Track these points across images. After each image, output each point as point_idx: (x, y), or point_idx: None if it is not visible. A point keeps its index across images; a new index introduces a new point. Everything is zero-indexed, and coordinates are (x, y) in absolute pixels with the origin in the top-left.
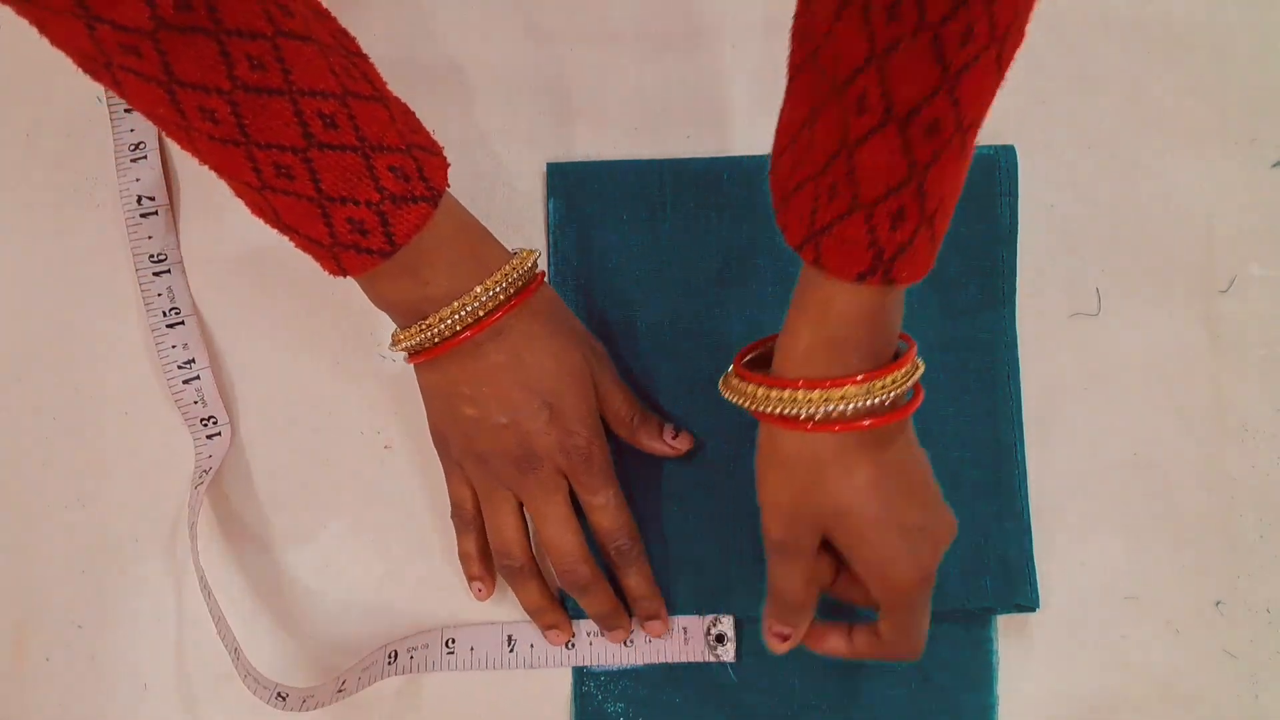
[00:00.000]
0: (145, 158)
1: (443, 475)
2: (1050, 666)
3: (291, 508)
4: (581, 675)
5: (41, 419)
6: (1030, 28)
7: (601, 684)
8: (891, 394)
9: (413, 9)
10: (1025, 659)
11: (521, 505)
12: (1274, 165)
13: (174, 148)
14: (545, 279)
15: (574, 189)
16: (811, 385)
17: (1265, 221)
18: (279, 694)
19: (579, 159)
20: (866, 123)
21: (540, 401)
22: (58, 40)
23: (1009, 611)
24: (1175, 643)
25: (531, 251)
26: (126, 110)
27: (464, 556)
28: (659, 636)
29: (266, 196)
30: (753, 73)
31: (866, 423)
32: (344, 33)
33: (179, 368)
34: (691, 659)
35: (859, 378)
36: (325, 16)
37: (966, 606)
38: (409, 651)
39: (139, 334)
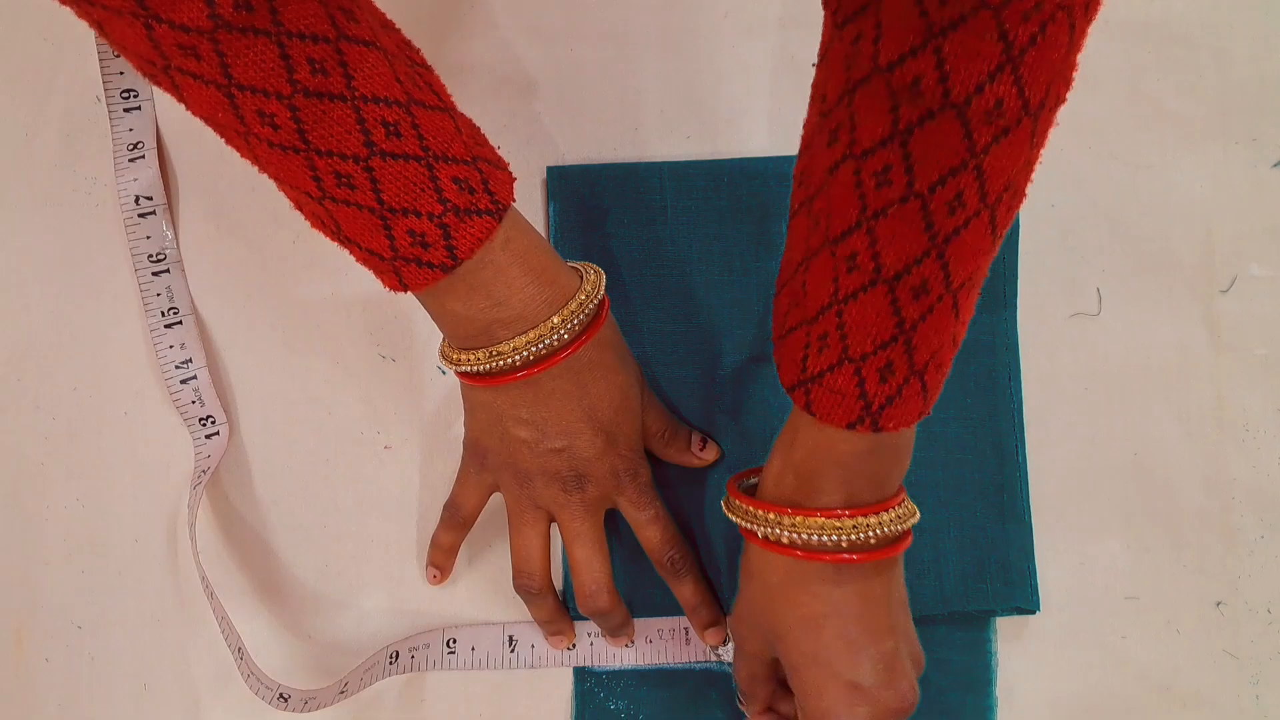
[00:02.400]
0: (143, 157)
1: (443, 475)
2: (1050, 667)
3: (291, 508)
4: (582, 674)
5: (41, 419)
6: None
7: (602, 682)
8: (870, 534)
9: (413, 9)
10: (1025, 659)
11: (549, 527)
12: (1274, 165)
13: (173, 148)
14: (608, 304)
15: (574, 192)
16: (776, 509)
17: (1265, 221)
18: (281, 695)
19: (579, 161)
20: (856, 281)
21: (598, 429)
22: (117, 41)
23: (1009, 614)
24: (1176, 643)
25: (598, 275)
26: (126, 110)
27: (436, 543)
28: (719, 645)
29: (327, 207)
30: (753, 73)
31: (827, 556)
32: (409, 44)
33: (176, 367)
34: (693, 660)
35: (839, 511)
36: (391, 27)
37: (966, 609)
38: (410, 651)
39: (139, 334)
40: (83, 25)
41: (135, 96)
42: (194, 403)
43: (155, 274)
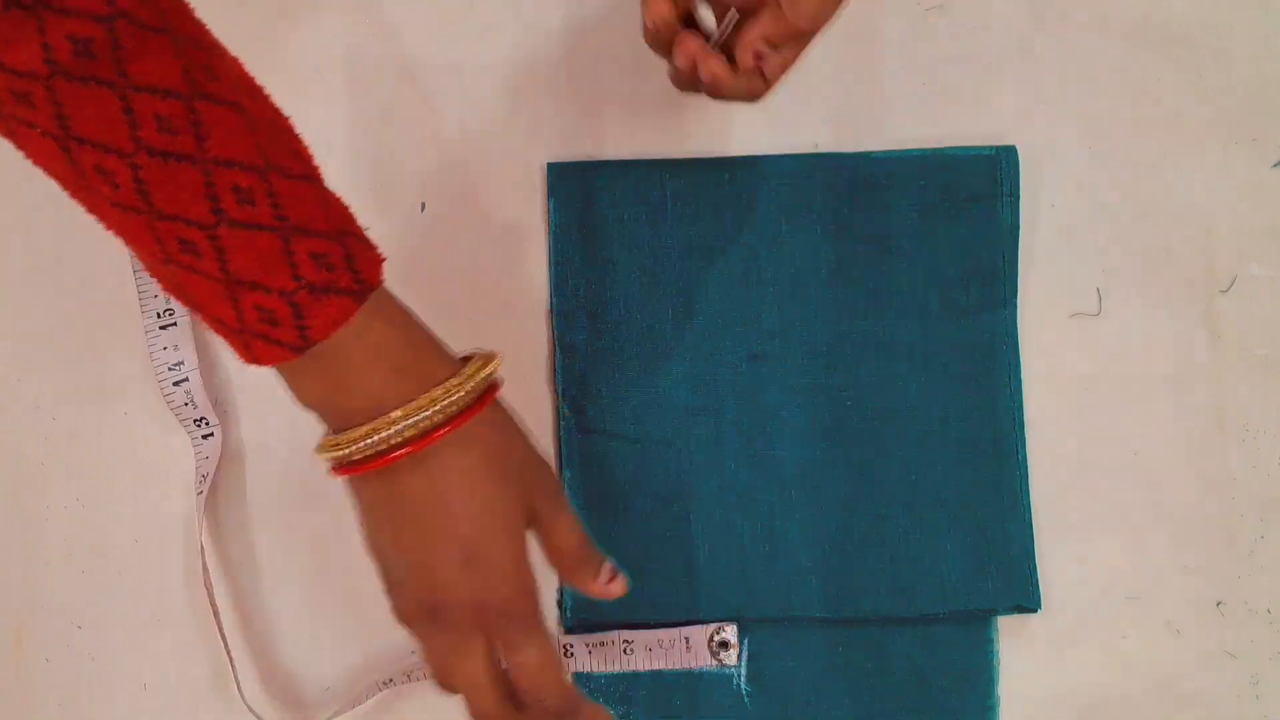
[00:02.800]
0: None
1: None
2: (1051, 666)
3: (291, 508)
4: (581, 679)
5: (41, 419)
6: (1030, 27)
7: (601, 686)
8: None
9: (413, 9)
10: (1026, 659)
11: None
12: (1275, 165)
13: None
14: (497, 394)
15: (574, 189)
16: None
17: (1266, 221)
18: None
19: (579, 159)
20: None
21: (455, 547)
22: None
23: (1010, 613)
24: (1176, 643)
25: (484, 363)
26: None
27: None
28: None
29: (172, 270)
30: None
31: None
32: (280, 113)
33: (169, 369)
34: (694, 666)
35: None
36: (259, 93)
37: (968, 607)
38: (405, 674)
39: (139, 334)
40: None
41: None
42: (186, 404)
43: None
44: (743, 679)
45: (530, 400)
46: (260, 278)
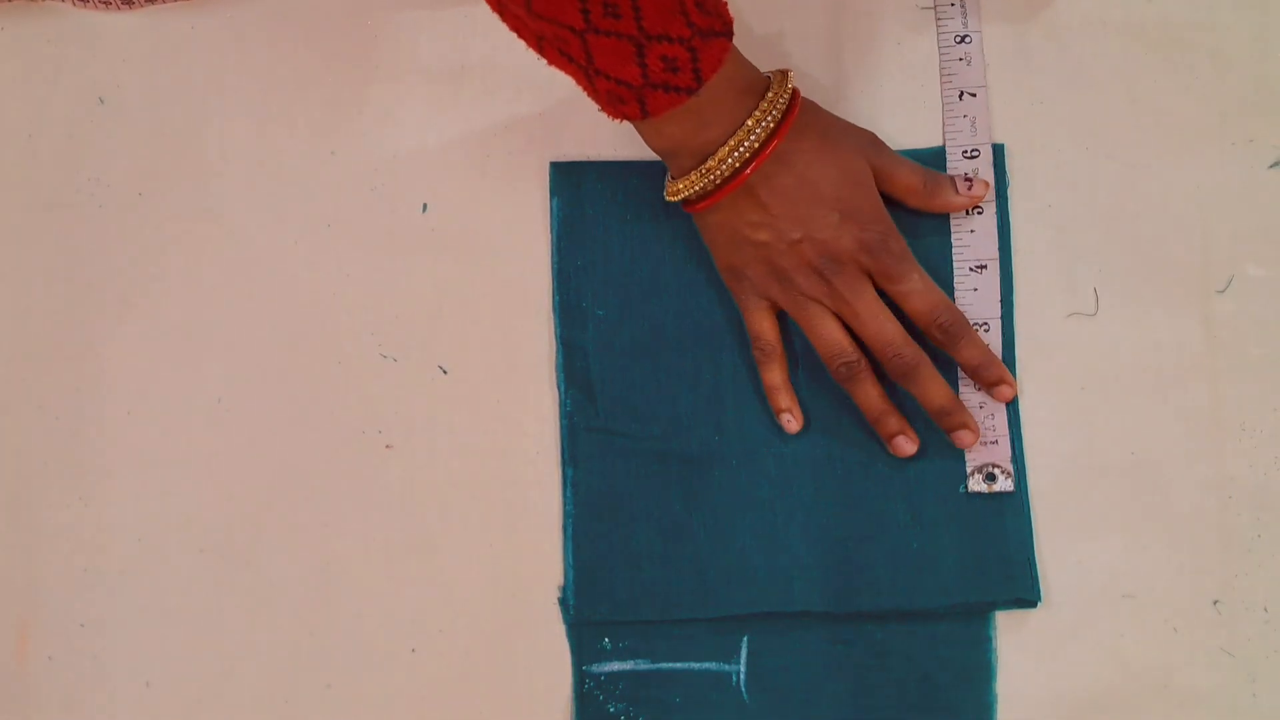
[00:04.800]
0: None
1: (443, 475)
2: (1049, 665)
3: (292, 507)
4: (582, 675)
5: (43, 418)
6: (1028, 28)
7: (602, 684)
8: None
9: (413, 9)
10: (1024, 657)
11: (833, 315)
12: (1272, 165)
13: (172, 146)
14: (799, 94)
15: (577, 188)
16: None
17: (1263, 221)
18: None
19: (581, 159)
20: None
21: (830, 208)
22: None
23: (1010, 607)
24: (1173, 641)
25: (783, 73)
26: None
27: (770, 389)
28: (1009, 400)
29: (587, 40)
30: None
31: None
32: None
33: None
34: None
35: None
36: None
37: (968, 600)
38: None
39: (140, 334)
40: (84, 25)
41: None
42: None
43: None
44: (743, 678)
45: (533, 398)
46: (665, 28)
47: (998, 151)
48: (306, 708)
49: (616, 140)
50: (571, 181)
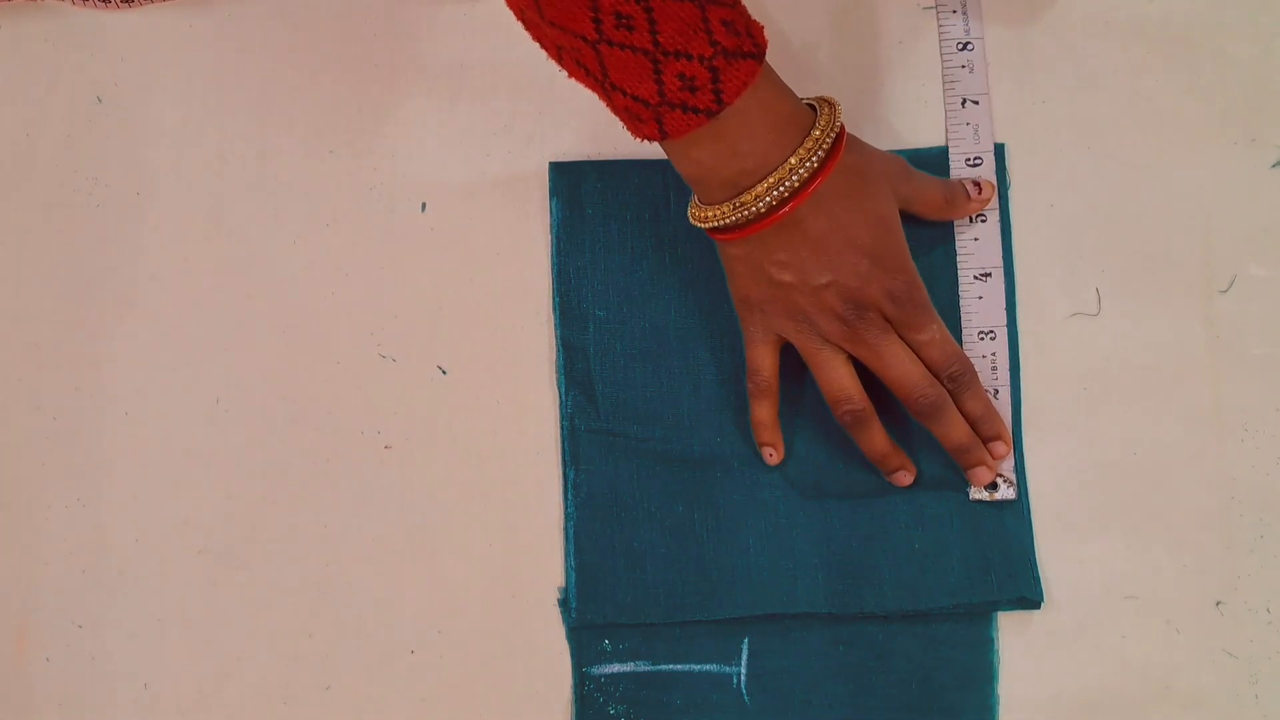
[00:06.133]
0: None
1: (443, 476)
2: (1050, 666)
3: (292, 508)
4: (583, 677)
5: (42, 418)
6: (1029, 28)
7: (602, 686)
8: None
9: (413, 9)
10: (1025, 658)
11: (848, 358)
12: (1274, 165)
13: (173, 144)
14: (845, 131)
15: (576, 188)
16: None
17: (1265, 221)
18: None
19: (580, 159)
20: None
21: (860, 254)
22: None
23: (1013, 607)
24: (1175, 642)
25: (833, 107)
26: None
27: (757, 424)
28: (1003, 457)
29: (601, 51)
30: None
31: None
32: None
33: None
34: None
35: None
36: None
37: (971, 601)
38: None
39: (139, 334)
40: (83, 25)
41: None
42: None
43: None
44: (743, 680)
45: (532, 399)
46: (684, 45)
47: (998, 151)
48: (306, 709)
49: (617, 140)
50: (571, 182)
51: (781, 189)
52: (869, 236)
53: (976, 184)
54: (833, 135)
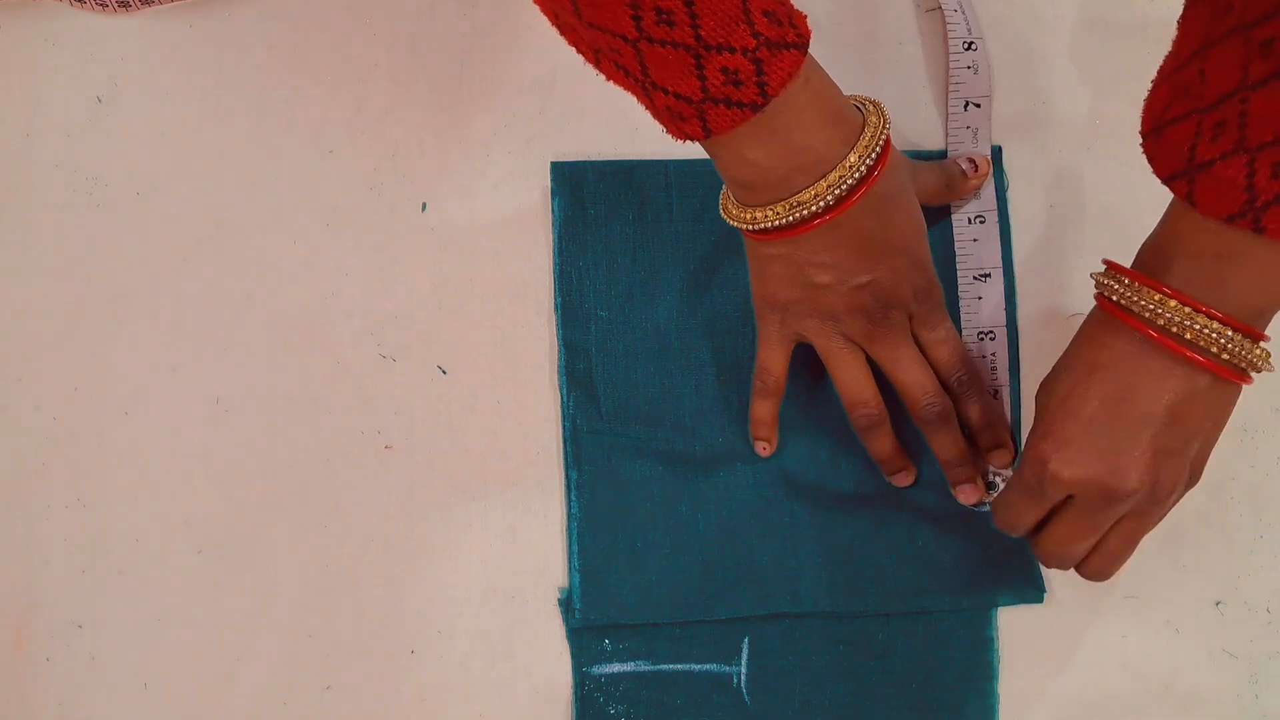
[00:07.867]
0: None
1: (443, 476)
2: (1051, 665)
3: (292, 508)
4: (583, 677)
5: (41, 419)
6: (1029, 28)
7: (602, 686)
8: (1219, 341)
9: (413, 8)
10: (1026, 658)
11: (865, 357)
12: None
13: (174, 144)
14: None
15: (578, 188)
16: (1138, 278)
17: None
18: None
19: (581, 158)
20: (1268, 67)
21: (899, 255)
22: None
23: (1016, 602)
24: (1175, 642)
25: (877, 105)
26: None
27: (757, 421)
28: (1007, 466)
29: (641, 49)
30: None
31: (1202, 360)
32: None
33: None
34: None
35: (1188, 298)
36: None
37: (974, 598)
38: None
39: (139, 334)
40: (83, 25)
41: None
42: None
43: None
44: (744, 679)
45: (533, 399)
46: (726, 38)
47: (995, 154)
48: (305, 709)
49: (617, 140)
50: (573, 181)
51: (841, 187)
52: (909, 234)
53: (972, 161)
54: (885, 133)
